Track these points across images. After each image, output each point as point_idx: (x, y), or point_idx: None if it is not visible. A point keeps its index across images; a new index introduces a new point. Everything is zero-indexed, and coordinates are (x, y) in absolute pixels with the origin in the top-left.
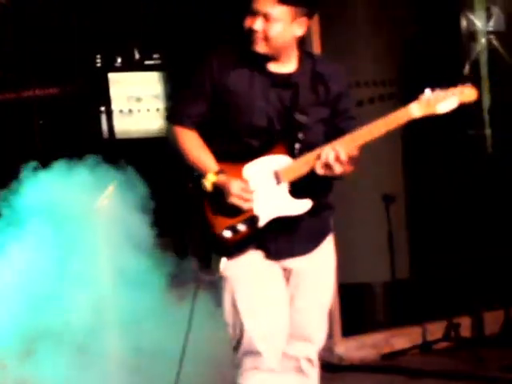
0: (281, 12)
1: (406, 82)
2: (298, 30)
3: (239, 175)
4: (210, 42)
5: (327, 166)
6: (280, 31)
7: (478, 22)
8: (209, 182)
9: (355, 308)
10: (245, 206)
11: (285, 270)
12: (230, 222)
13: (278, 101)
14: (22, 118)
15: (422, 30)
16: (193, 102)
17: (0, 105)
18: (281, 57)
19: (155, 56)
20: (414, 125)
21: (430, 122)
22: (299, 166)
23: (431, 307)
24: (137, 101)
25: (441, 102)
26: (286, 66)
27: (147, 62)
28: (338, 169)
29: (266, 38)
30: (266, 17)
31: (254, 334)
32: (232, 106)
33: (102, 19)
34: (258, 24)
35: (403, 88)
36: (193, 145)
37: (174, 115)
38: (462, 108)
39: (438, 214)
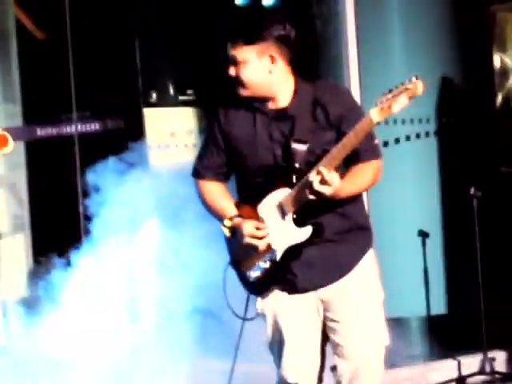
0: (244, 53)
1: (441, 119)
2: (271, 65)
3: (255, 215)
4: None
5: (315, 191)
6: (250, 72)
7: (509, 60)
8: (226, 227)
9: (391, 342)
10: (259, 243)
11: (319, 300)
12: (252, 262)
13: (280, 136)
14: (62, 154)
15: (458, 69)
16: (210, 156)
17: (42, 140)
18: (269, 93)
19: (189, 92)
20: (452, 162)
21: (468, 159)
22: (296, 195)
23: (466, 341)
24: (171, 136)
25: (394, 102)
26: (281, 99)
27: (182, 98)
28: (327, 191)
29: (242, 82)
30: (235, 61)
31: (286, 371)
32: (240, 150)
33: (137, 55)
34: (230, 70)
35: (438, 125)
36: (213, 195)
37: (195, 170)
38: (495, 144)
39: (473, 250)
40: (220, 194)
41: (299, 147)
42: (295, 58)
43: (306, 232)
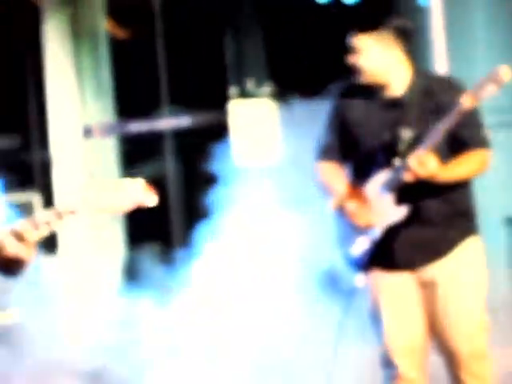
0: (364, 42)
1: None
2: (388, 54)
3: (362, 195)
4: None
5: (412, 173)
6: (368, 60)
7: None
8: (333, 206)
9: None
10: (362, 222)
11: (421, 283)
12: (355, 240)
13: (390, 122)
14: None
15: None
16: (327, 139)
17: (135, 135)
18: (385, 81)
19: (267, 85)
20: None
21: None
22: (397, 177)
23: None
24: (252, 130)
25: (483, 90)
26: (396, 87)
27: (260, 91)
28: (423, 173)
29: (360, 69)
30: (354, 49)
31: (390, 347)
32: (353, 134)
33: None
34: (351, 58)
35: None
36: (326, 175)
37: (315, 152)
38: None
39: None
40: (333, 175)
41: (406, 134)
42: (410, 48)
43: (403, 212)
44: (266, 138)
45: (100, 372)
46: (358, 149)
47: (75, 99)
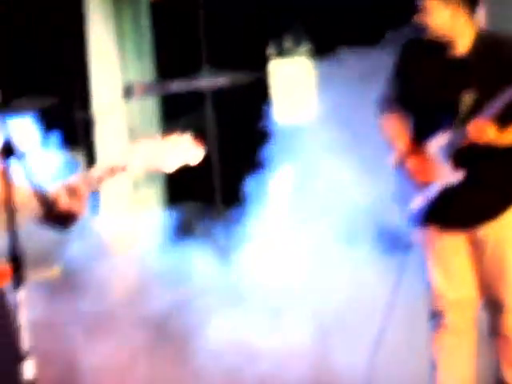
0: (433, 3)
1: None
2: (454, 13)
3: (423, 152)
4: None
5: (470, 137)
6: (435, 18)
7: None
8: (394, 161)
9: None
10: (419, 179)
11: (472, 241)
12: (413, 196)
13: (453, 82)
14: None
15: None
16: (390, 93)
17: (175, 94)
18: (450, 39)
19: (305, 43)
20: None
21: None
22: (456, 139)
23: None
24: (291, 88)
25: None
26: (460, 46)
27: (298, 49)
28: (481, 138)
29: (427, 27)
30: (422, 8)
31: (439, 300)
32: (415, 90)
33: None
34: (418, 16)
35: None
36: (389, 128)
37: (378, 106)
38: None
39: None
40: (395, 129)
41: (469, 96)
42: (476, 9)
43: (461, 173)
44: (304, 96)
45: (162, 321)
46: (420, 105)
47: (116, 59)
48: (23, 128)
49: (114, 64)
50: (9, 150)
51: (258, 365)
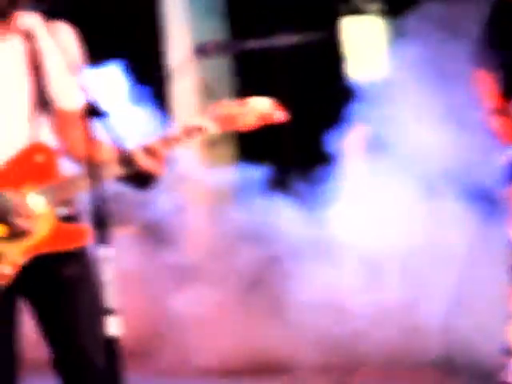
0: None
1: None
2: None
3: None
4: None
5: None
6: None
7: None
8: (483, 119)
9: None
10: (505, 138)
11: None
12: (503, 152)
13: None
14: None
15: None
16: (485, 47)
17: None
18: None
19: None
20: None
21: None
22: None
23: None
24: (362, 46)
25: None
26: None
27: (368, 8)
28: None
29: None
30: None
31: None
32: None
33: None
34: None
35: None
36: (481, 84)
37: (472, 61)
38: None
39: None
40: (487, 85)
41: None
42: None
43: None
44: (376, 54)
45: (252, 275)
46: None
47: (187, 17)
48: (111, 79)
49: (185, 21)
50: (93, 111)
51: (349, 322)
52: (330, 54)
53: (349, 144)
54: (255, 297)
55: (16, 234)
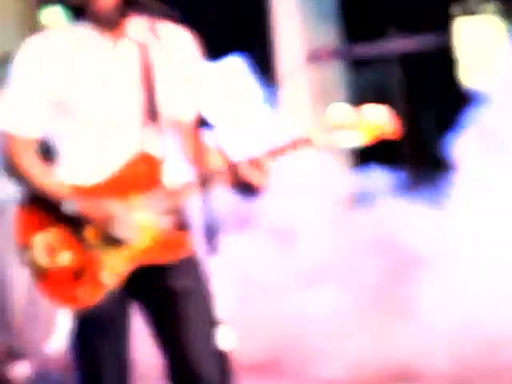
0: None
1: None
2: None
3: None
4: None
5: None
6: None
7: None
8: None
9: None
10: None
11: None
12: None
13: None
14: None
15: None
16: None
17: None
18: None
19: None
20: None
21: None
22: None
23: None
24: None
25: None
26: None
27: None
28: None
29: None
30: None
31: None
32: None
33: None
34: None
35: None
36: None
37: None
38: None
39: None
40: None
41: None
42: None
43: None
44: (493, 58)
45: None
46: None
47: (299, 22)
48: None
49: (297, 27)
50: (203, 120)
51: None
52: (445, 57)
53: (467, 147)
54: (383, 302)
55: (118, 242)
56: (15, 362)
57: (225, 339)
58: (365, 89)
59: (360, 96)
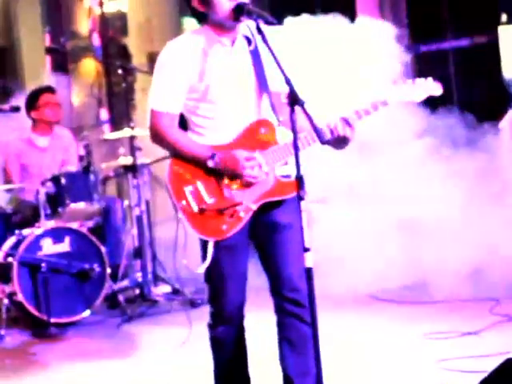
0: None
1: None
2: None
3: None
4: None
5: None
6: None
7: None
8: None
9: None
10: None
11: None
12: None
13: None
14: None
15: None
16: None
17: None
18: None
19: None
20: None
21: None
22: None
23: None
24: None
25: None
26: None
27: None
28: None
29: None
30: None
31: None
32: None
33: None
34: None
35: None
36: None
37: None
38: None
39: None
40: None
41: None
42: None
43: None
44: None
45: None
46: None
47: None
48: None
49: None
50: (293, 98)
51: None
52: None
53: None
54: None
55: (250, 185)
56: (158, 284)
57: (311, 262)
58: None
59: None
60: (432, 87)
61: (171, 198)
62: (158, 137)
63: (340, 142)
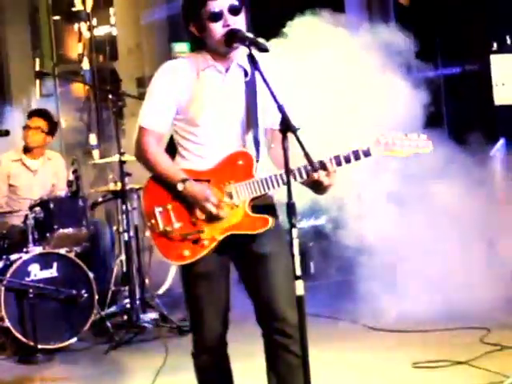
0: None
1: None
2: None
3: None
4: None
5: None
6: None
7: None
8: None
9: None
10: None
11: None
12: None
13: None
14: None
15: None
16: None
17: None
18: None
19: None
20: None
21: None
22: None
23: None
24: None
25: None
26: None
27: None
28: None
29: None
30: None
31: None
32: None
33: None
34: None
35: None
36: None
37: None
38: None
39: None
40: None
41: None
42: None
43: None
44: None
45: None
46: None
47: None
48: None
49: None
50: (287, 126)
51: None
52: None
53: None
54: None
55: (214, 218)
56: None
57: (300, 290)
58: None
59: None
60: (422, 145)
61: (142, 217)
62: (139, 152)
63: (318, 185)
